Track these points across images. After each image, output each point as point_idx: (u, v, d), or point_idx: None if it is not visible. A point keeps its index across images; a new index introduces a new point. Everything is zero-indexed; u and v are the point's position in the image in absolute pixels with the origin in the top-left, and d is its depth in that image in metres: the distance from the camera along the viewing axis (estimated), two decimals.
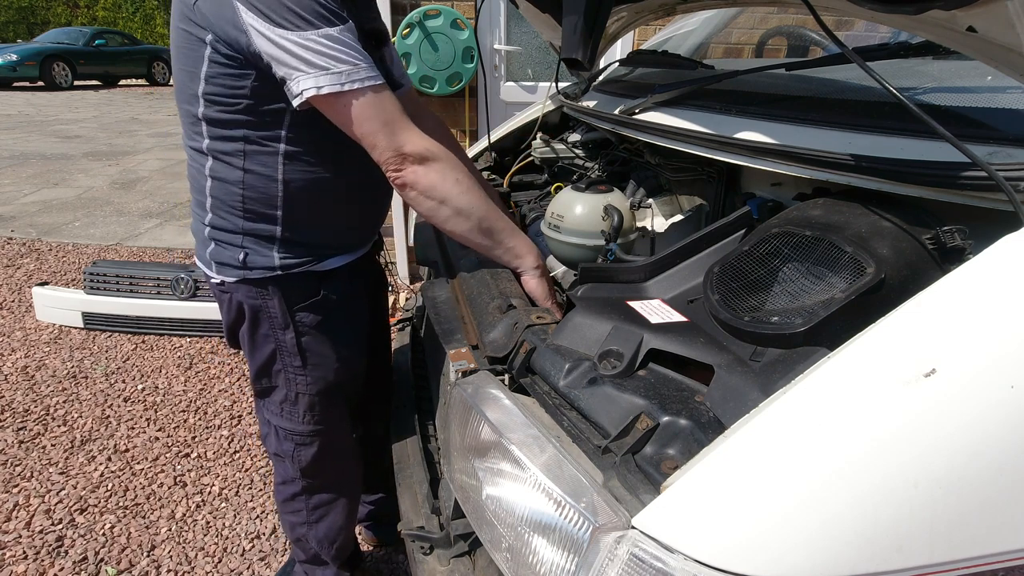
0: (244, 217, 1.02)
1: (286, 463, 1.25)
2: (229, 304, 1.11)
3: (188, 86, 0.94)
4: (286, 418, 1.19)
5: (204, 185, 1.02)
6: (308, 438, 1.21)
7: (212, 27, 0.86)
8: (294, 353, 1.11)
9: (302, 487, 1.28)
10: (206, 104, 0.94)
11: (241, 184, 0.99)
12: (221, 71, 0.90)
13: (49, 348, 2.77)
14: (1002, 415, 0.49)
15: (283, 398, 1.16)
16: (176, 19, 0.92)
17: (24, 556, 1.66)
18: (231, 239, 1.04)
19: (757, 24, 2.99)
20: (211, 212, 1.04)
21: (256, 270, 1.04)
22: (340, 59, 0.86)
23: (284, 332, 1.09)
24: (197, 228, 1.09)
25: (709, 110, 1.05)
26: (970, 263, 0.57)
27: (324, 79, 0.85)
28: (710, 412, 0.63)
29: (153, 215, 4.80)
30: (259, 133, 0.96)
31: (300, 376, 1.13)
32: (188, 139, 1.02)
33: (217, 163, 0.99)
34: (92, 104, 11.27)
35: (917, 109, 0.67)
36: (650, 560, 0.50)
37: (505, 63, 3.41)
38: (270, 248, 1.04)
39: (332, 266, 1.10)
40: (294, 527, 1.35)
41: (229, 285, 1.07)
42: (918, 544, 0.49)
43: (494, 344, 0.88)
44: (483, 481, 0.71)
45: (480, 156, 1.77)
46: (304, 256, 1.06)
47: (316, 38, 0.84)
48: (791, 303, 0.69)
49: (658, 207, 1.23)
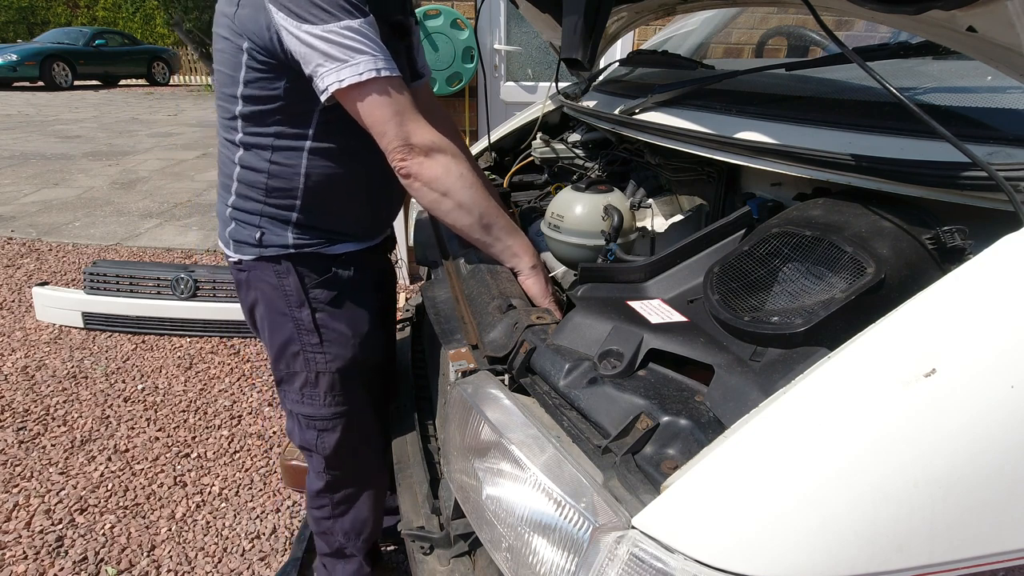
0: (265, 202, 1.09)
1: (313, 456, 1.27)
2: (246, 283, 1.16)
3: (228, 87, 1.02)
4: (307, 403, 1.21)
5: (232, 171, 1.10)
6: (330, 422, 1.22)
7: (248, 34, 0.94)
8: (311, 330, 1.15)
9: (327, 481, 1.29)
10: (244, 103, 1.02)
11: (267, 173, 1.07)
12: (258, 76, 0.98)
13: (49, 348, 2.77)
14: (1002, 415, 0.49)
15: (303, 382, 1.19)
16: (217, 27, 1.01)
17: (24, 556, 1.66)
18: (250, 219, 1.11)
19: (757, 24, 2.99)
20: (235, 195, 1.11)
21: (271, 247, 1.11)
22: (359, 50, 0.90)
23: (300, 310, 1.14)
24: (221, 209, 1.17)
25: (709, 110, 1.05)
26: (970, 263, 0.57)
27: (345, 72, 0.90)
28: (710, 412, 0.63)
29: (153, 215, 4.80)
30: (289, 131, 1.04)
31: (319, 354, 1.17)
32: (223, 131, 1.10)
33: (247, 153, 1.07)
34: (92, 104, 11.28)
35: (917, 109, 0.67)
36: (650, 560, 0.50)
37: (505, 63, 3.41)
38: (284, 229, 1.10)
39: (341, 251, 1.16)
40: (319, 521, 1.36)
41: (247, 263, 1.13)
42: (918, 544, 0.49)
43: (494, 344, 0.88)
44: (483, 481, 0.71)
45: (480, 156, 1.77)
46: (315, 238, 1.13)
47: (338, 29, 0.89)
48: (791, 303, 0.69)
49: (658, 207, 1.23)
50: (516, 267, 1.07)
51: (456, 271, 1.16)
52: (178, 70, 16.58)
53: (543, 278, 1.07)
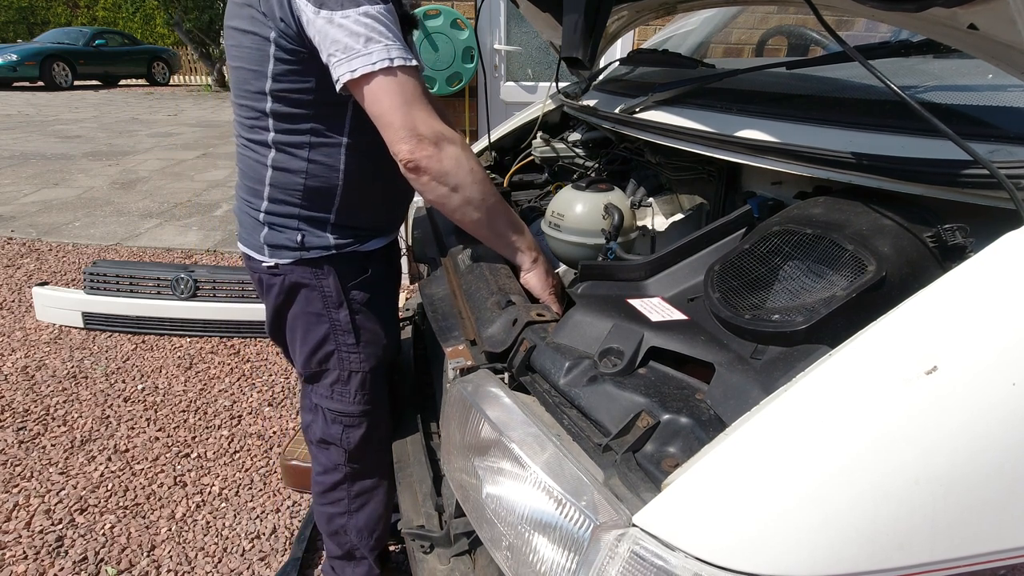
0: (302, 204, 1.07)
1: (331, 449, 1.26)
2: (280, 286, 1.14)
3: (253, 83, 0.98)
4: (337, 400, 1.20)
5: (264, 175, 1.06)
6: (358, 419, 1.22)
7: (276, 21, 0.90)
8: (348, 331, 1.15)
9: (345, 474, 1.28)
10: (274, 100, 0.98)
11: (304, 174, 1.04)
12: (287, 68, 0.95)
13: (49, 348, 2.77)
14: (1003, 412, 0.49)
15: (335, 379, 1.19)
16: (234, 19, 0.96)
17: (24, 556, 1.66)
18: (287, 223, 1.09)
19: (757, 24, 3.00)
20: (267, 200, 1.08)
21: (313, 250, 1.09)
22: (373, 39, 0.87)
23: (338, 310, 1.13)
24: (248, 214, 1.13)
25: (710, 109, 1.05)
26: (971, 261, 0.57)
27: (357, 61, 0.87)
28: (711, 410, 0.63)
29: (153, 215, 4.80)
30: (324, 126, 1.01)
31: (354, 354, 1.16)
32: (247, 132, 1.05)
33: (281, 154, 1.04)
34: (92, 104, 11.27)
35: (919, 107, 0.67)
36: (651, 558, 0.50)
37: (505, 63, 3.41)
38: (323, 229, 1.09)
39: (374, 247, 1.16)
40: (332, 518, 1.35)
41: (283, 267, 1.11)
42: (919, 542, 0.49)
43: (492, 339, 0.88)
44: (483, 479, 0.70)
45: (480, 155, 1.77)
46: (351, 237, 1.12)
47: (356, 16, 0.86)
48: (792, 301, 0.69)
49: (658, 206, 1.23)
50: (520, 262, 1.06)
51: (454, 266, 1.16)
52: (178, 70, 16.60)
53: (543, 272, 1.06)
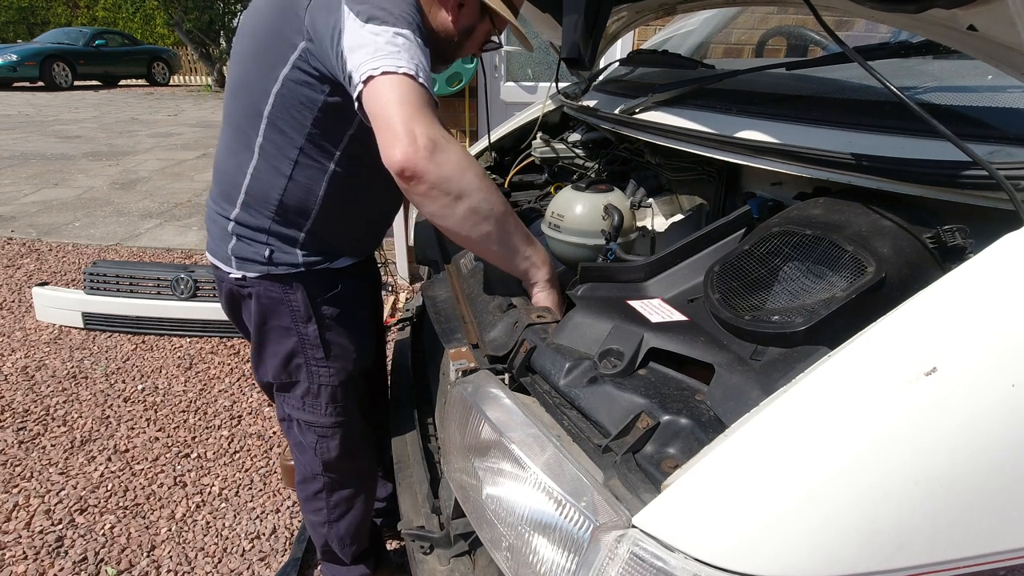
0: (273, 219, 1.05)
1: (308, 454, 1.26)
2: (249, 299, 1.13)
3: (260, 79, 0.95)
4: (308, 411, 1.20)
5: (240, 181, 1.03)
6: (330, 430, 1.22)
7: (314, 32, 0.87)
8: (316, 345, 1.13)
9: (324, 483, 1.29)
10: (275, 103, 0.95)
11: (282, 190, 1.02)
12: (301, 77, 0.92)
13: (49, 348, 2.77)
14: (1003, 413, 0.49)
15: (305, 391, 1.18)
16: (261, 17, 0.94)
17: (24, 556, 1.66)
18: (256, 236, 1.06)
19: (757, 24, 3.00)
20: (240, 208, 1.05)
21: (281, 266, 1.07)
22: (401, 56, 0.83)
23: (307, 325, 1.12)
24: (217, 222, 1.09)
25: (709, 109, 1.05)
26: (971, 262, 0.57)
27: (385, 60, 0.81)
28: (710, 411, 0.63)
29: (153, 215, 4.80)
30: (315, 149, 0.99)
31: (323, 368, 1.15)
32: (235, 131, 1.02)
33: (263, 163, 1.01)
34: (92, 104, 11.27)
35: (918, 108, 0.67)
36: (651, 559, 0.50)
37: (505, 63, 3.41)
38: (292, 247, 1.07)
39: (345, 264, 1.14)
40: (315, 526, 1.36)
41: (251, 280, 1.09)
42: (919, 542, 0.49)
43: (494, 343, 0.88)
44: (483, 480, 0.71)
45: (480, 156, 1.77)
46: (321, 255, 1.10)
47: (391, 34, 0.83)
48: (792, 302, 0.69)
49: (658, 206, 1.23)
50: (534, 279, 0.97)
51: (456, 270, 1.16)
52: (178, 70, 16.60)
53: (558, 293, 0.98)
